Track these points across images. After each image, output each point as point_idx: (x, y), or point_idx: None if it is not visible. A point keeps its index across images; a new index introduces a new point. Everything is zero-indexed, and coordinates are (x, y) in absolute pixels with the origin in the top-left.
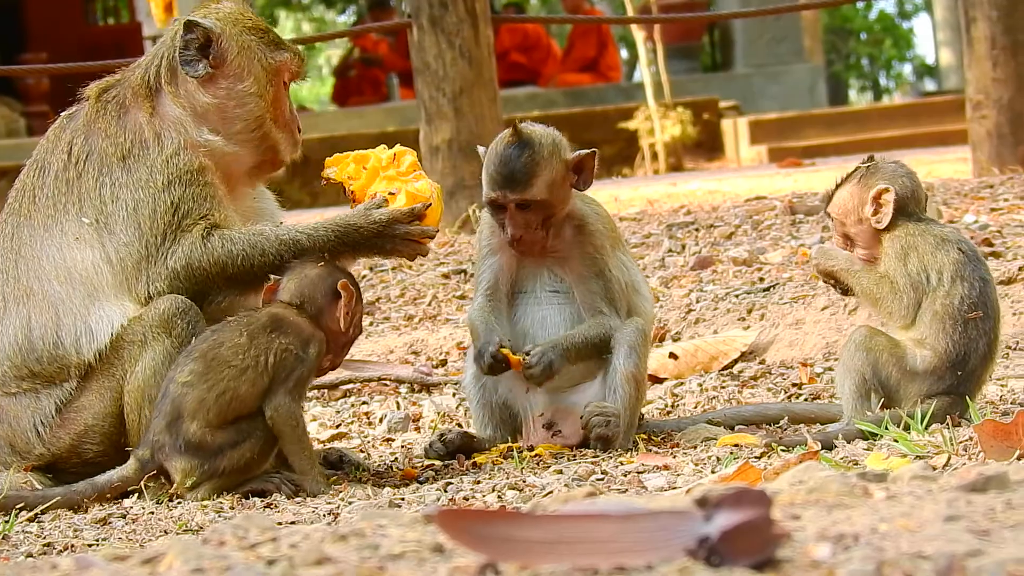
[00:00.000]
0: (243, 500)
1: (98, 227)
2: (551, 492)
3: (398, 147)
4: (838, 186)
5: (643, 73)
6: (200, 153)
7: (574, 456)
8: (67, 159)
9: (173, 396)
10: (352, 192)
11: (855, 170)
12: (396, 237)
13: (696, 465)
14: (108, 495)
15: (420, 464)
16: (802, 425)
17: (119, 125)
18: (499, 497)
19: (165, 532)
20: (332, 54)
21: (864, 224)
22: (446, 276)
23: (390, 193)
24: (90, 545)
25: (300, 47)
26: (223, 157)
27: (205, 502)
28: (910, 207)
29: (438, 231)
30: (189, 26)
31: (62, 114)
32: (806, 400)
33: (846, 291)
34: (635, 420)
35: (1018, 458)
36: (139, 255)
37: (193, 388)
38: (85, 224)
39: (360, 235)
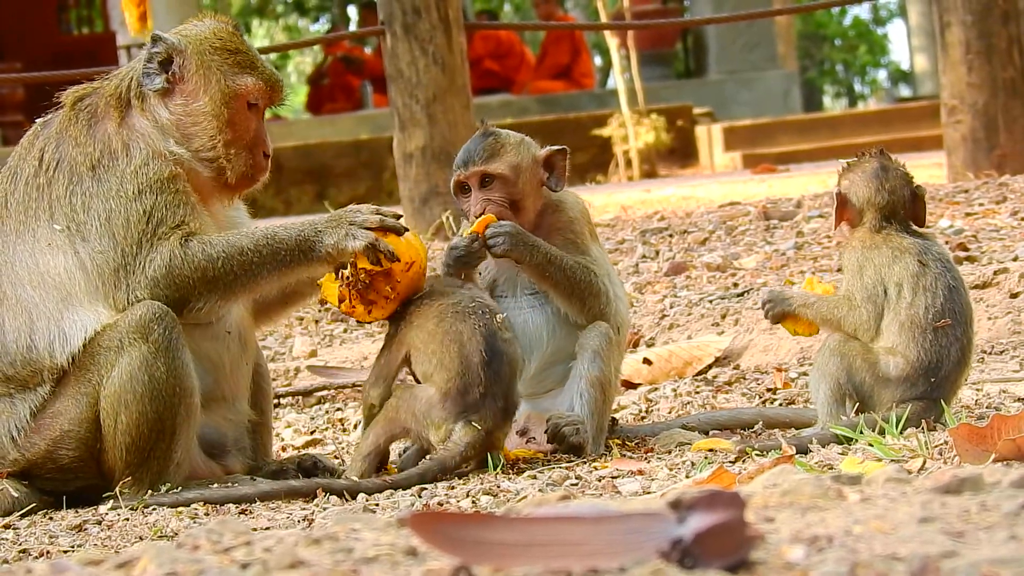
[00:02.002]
0: (217, 507)
1: (70, 234)
2: (525, 497)
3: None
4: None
5: (616, 80)
6: (170, 162)
7: (548, 461)
8: (38, 166)
9: (507, 353)
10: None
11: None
12: (360, 224)
13: (670, 470)
14: (461, 465)
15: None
16: (777, 430)
17: (89, 134)
18: (473, 502)
19: (140, 538)
20: (301, 61)
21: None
22: None
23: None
24: (65, 551)
25: (277, 74)
26: (191, 170)
27: (180, 508)
28: (865, 215)
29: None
30: (155, 40)
31: (37, 121)
32: (781, 405)
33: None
34: (604, 424)
35: (993, 462)
36: (116, 263)
37: (512, 347)
38: (57, 231)
39: (334, 220)
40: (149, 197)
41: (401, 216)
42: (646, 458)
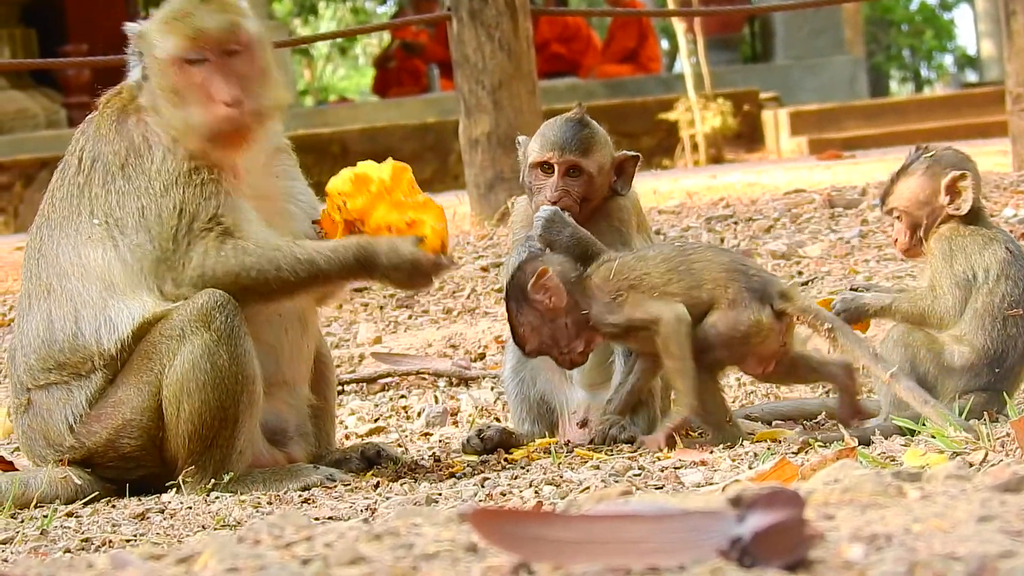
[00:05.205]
0: (280, 495)
1: (108, 227)
2: (588, 487)
3: (391, 161)
4: (894, 180)
5: (683, 64)
6: (186, 151)
7: (611, 451)
8: (78, 164)
9: None
10: (352, 213)
11: (912, 162)
12: (415, 273)
13: (733, 461)
14: None
15: (459, 459)
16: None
17: (116, 132)
18: (536, 492)
19: (203, 527)
20: (369, 43)
21: (937, 214)
22: (484, 269)
23: (407, 224)
24: (128, 540)
25: (212, 18)
26: (199, 148)
27: (243, 496)
28: (976, 194)
29: (451, 260)
30: (128, 31)
31: (87, 118)
32: None
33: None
34: (654, 411)
35: None
36: (155, 256)
37: None
38: (96, 225)
39: (379, 263)
40: (176, 192)
41: (454, 260)
42: (709, 448)
